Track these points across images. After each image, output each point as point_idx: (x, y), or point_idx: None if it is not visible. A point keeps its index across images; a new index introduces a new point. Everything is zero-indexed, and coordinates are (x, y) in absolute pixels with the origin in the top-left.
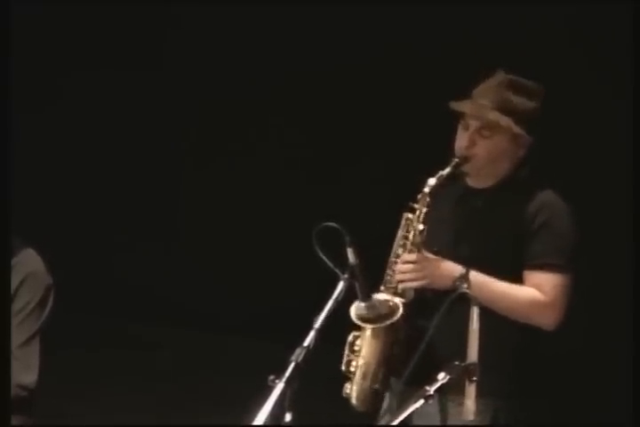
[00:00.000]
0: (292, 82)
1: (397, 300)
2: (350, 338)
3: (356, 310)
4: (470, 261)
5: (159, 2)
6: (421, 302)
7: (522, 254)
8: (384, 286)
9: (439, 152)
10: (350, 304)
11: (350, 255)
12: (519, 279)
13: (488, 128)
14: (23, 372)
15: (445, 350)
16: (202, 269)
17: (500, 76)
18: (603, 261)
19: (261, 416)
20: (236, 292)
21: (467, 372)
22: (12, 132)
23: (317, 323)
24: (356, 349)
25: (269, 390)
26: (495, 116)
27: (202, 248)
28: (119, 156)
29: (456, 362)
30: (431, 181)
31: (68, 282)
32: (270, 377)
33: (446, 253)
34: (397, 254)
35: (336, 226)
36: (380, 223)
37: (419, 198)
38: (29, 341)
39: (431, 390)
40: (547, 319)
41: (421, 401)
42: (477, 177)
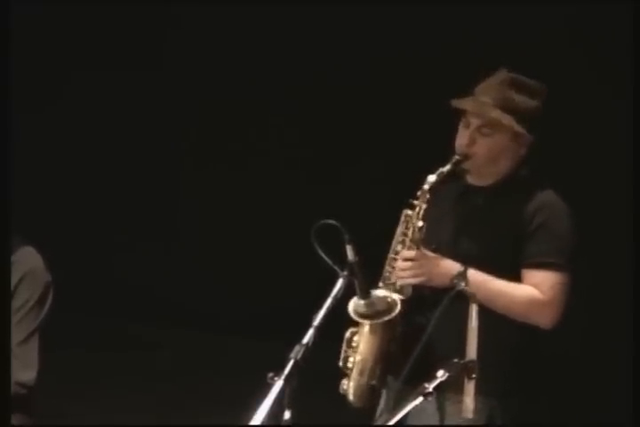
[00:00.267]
0: (292, 82)
1: (396, 296)
2: (348, 334)
3: (354, 306)
4: (469, 258)
5: (159, 2)
6: (419, 299)
7: (520, 253)
8: (383, 282)
9: (439, 152)
10: (349, 302)
11: (349, 253)
12: (518, 278)
13: (489, 126)
14: (22, 370)
15: (443, 349)
16: (202, 269)
17: (502, 75)
18: (603, 261)
19: (260, 414)
20: (235, 292)
21: (466, 369)
22: (12, 132)
23: (316, 320)
24: (354, 345)
25: (268, 387)
26: (497, 115)
27: (202, 248)
28: (119, 156)
29: (455, 360)
30: (431, 177)
31: (67, 282)
32: (269, 375)
33: (445, 251)
34: (396, 251)
35: (335, 223)
36: (380, 223)
37: (418, 195)
38: (28, 338)
39: (430, 387)
40: (545, 318)
41: (420, 398)
42: (478, 175)
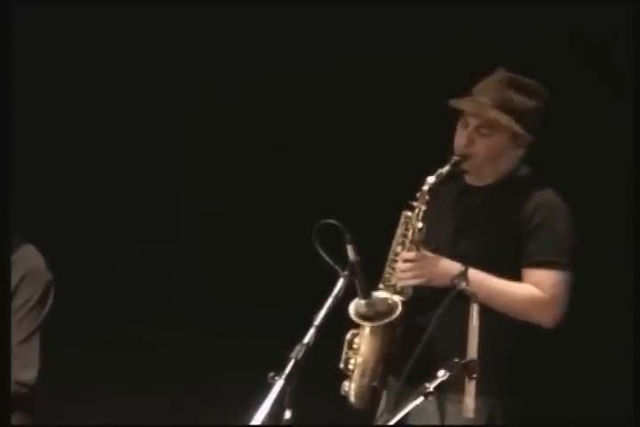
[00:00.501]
0: (292, 82)
1: (396, 298)
2: (349, 336)
3: (355, 307)
4: (469, 258)
5: (159, 2)
6: (419, 300)
7: (520, 253)
8: (383, 283)
9: (439, 152)
10: (350, 301)
11: (350, 252)
12: (518, 277)
13: (487, 126)
14: (23, 369)
15: (444, 349)
16: (202, 269)
17: (501, 74)
18: (603, 261)
19: (261, 413)
20: (235, 292)
21: (466, 369)
22: (12, 132)
23: (317, 320)
24: (355, 346)
25: (269, 387)
26: (495, 115)
27: (202, 248)
28: (119, 156)
29: (456, 359)
30: (430, 179)
31: (68, 282)
32: (270, 374)
33: (445, 251)
34: (396, 252)
35: (336, 223)
36: (381, 223)
37: (418, 196)
38: (29, 338)
39: (431, 387)
40: (546, 317)
41: (421, 398)
42: (477, 175)
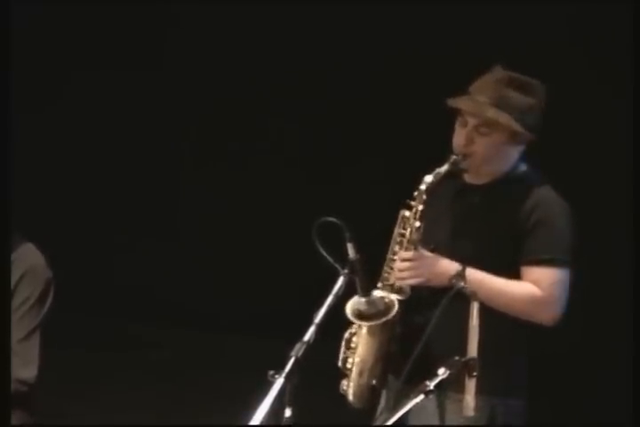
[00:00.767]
0: (292, 81)
1: (393, 297)
2: (346, 335)
3: (355, 304)
4: (467, 257)
5: (159, 2)
6: (418, 299)
7: (518, 251)
8: (381, 283)
9: (440, 151)
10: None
11: (350, 250)
12: (516, 276)
13: (486, 125)
14: (23, 367)
15: (443, 348)
16: (202, 270)
17: (498, 73)
18: (603, 261)
19: (261, 411)
20: (235, 291)
21: (467, 367)
22: (12, 132)
23: (317, 318)
24: (353, 346)
25: (269, 385)
26: (493, 114)
27: (202, 248)
28: (119, 156)
29: (456, 357)
30: (428, 178)
31: (68, 282)
32: (270, 372)
33: (443, 251)
34: (394, 252)
35: (336, 221)
36: (380, 224)
37: (415, 196)
38: (29, 336)
39: (431, 385)
40: (546, 315)
41: (421, 396)
42: (475, 173)
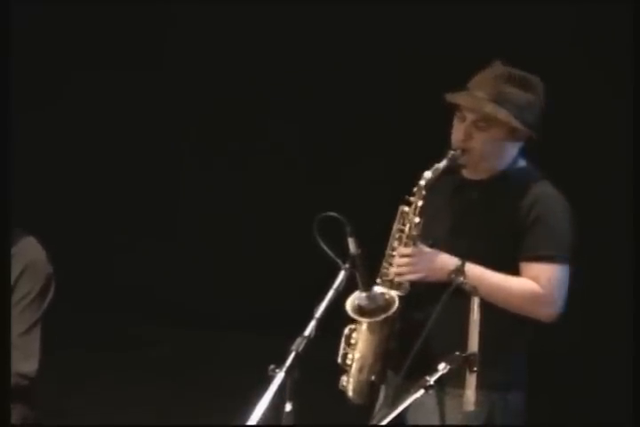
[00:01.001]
0: (292, 81)
1: (394, 293)
2: (346, 331)
3: (356, 300)
4: (466, 253)
5: (159, 2)
6: (417, 295)
7: (517, 247)
8: (380, 278)
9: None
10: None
11: (351, 245)
12: (515, 272)
13: (484, 121)
14: (23, 361)
15: (442, 344)
16: (202, 270)
17: (498, 68)
18: (603, 261)
19: (262, 406)
20: (235, 292)
21: (467, 362)
22: (12, 131)
23: (318, 313)
24: (352, 342)
25: (269, 381)
26: (492, 110)
27: (202, 248)
28: (119, 155)
29: (456, 352)
30: (427, 174)
31: (68, 282)
32: (270, 367)
33: (442, 246)
34: (393, 247)
35: (336, 216)
36: (380, 224)
37: (414, 191)
38: (30, 329)
39: (431, 380)
40: (544, 312)
41: (421, 391)
42: (474, 169)
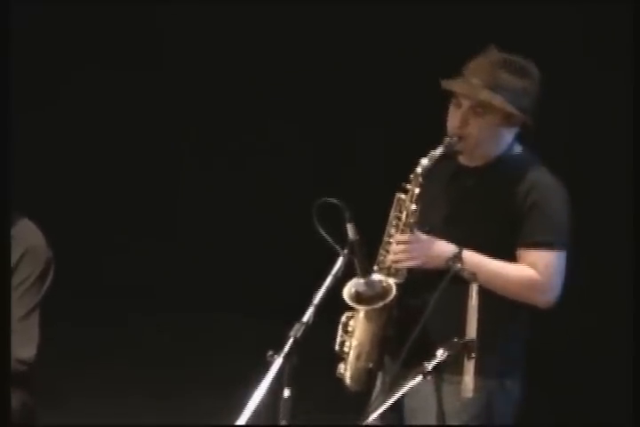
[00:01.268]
0: (292, 81)
1: (391, 281)
2: (343, 319)
3: (354, 287)
4: (463, 240)
5: (159, 2)
6: (414, 282)
7: (514, 234)
8: (377, 266)
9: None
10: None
11: (350, 231)
12: (512, 259)
13: (480, 107)
14: (22, 346)
15: (439, 331)
16: (202, 269)
17: (492, 55)
18: (603, 261)
19: (260, 391)
20: (235, 292)
21: (466, 348)
22: (12, 131)
23: (316, 299)
24: (350, 329)
25: (268, 366)
26: (487, 96)
27: (202, 248)
28: (119, 155)
29: (455, 339)
30: (423, 161)
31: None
32: (269, 353)
33: (439, 233)
34: (390, 235)
35: (336, 202)
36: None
37: (411, 179)
38: (29, 314)
39: (429, 366)
40: (542, 298)
41: (420, 377)
42: (470, 155)
